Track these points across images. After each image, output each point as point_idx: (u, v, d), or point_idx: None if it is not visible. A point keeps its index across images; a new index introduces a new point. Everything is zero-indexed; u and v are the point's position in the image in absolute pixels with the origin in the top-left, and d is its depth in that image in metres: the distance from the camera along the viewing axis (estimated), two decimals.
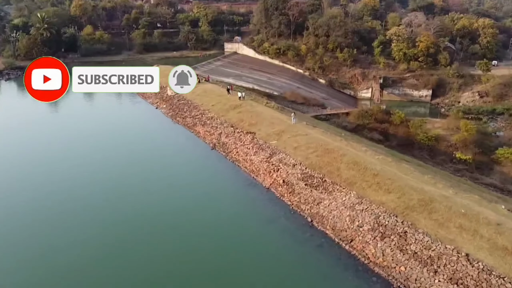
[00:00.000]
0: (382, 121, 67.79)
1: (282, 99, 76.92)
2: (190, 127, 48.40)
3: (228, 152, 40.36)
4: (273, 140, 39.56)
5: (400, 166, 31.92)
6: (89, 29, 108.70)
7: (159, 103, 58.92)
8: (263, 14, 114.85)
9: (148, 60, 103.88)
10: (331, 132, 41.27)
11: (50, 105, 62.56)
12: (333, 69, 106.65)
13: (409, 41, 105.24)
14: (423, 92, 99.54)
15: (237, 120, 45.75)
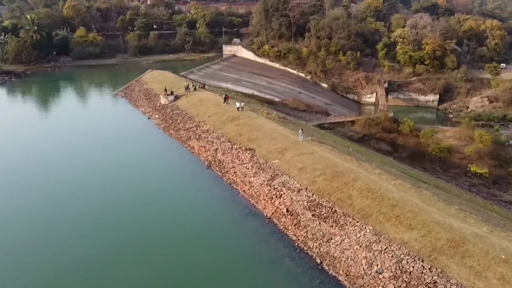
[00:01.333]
0: (390, 130, 63.79)
1: (283, 106, 72.83)
2: (183, 141, 44.31)
3: (224, 172, 36.28)
4: (275, 159, 35.49)
5: (421, 194, 27.81)
6: (82, 31, 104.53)
7: (151, 112, 54.82)
8: (263, 15, 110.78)
9: (143, 64, 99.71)
10: (340, 150, 37.12)
11: (38, 114, 58.64)
12: (335, 73, 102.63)
13: (415, 43, 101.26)
14: (430, 97, 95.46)
15: (235, 134, 41.68)
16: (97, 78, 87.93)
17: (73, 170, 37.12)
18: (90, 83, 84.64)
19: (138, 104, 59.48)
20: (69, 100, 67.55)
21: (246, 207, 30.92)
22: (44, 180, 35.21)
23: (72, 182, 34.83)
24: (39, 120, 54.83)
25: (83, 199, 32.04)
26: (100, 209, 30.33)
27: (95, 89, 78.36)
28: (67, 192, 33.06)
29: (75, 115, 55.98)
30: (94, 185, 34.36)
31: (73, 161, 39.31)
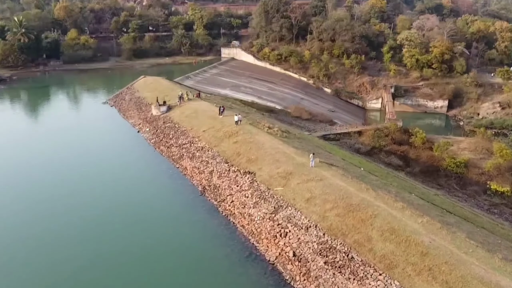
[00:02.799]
0: (400, 142, 59.17)
1: (285, 114, 68.24)
2: (175, 160, 39.68)
3: (220, 201, 31.66)
4: (278, 185, 30.89)
5: (454, 236, 23.23)
6: (73, 33, 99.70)
7: (141, 125, 50.16)
8: (263, 17, 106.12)
9: (137, 68, 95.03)
10: (351, 173, 32.49)
11: (19, 125, 53.99)
12: (339, 77, 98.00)
13: (422, 46, 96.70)
14: (439, 102, 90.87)
15: (232, 154, 37.07)
16: (88, 84, 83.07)
17: (48, 195, 32.59)
18: (79, 89, 79.80)
19: (128, 114, 54.79)
20: (54, 110, 62.59)
21: (245, 247, 26.29)
22: (16, 207, 30.73)
23: (46, 211, 30.33)
24: (19, 133, 50.10)
25: (56, 232, 27.58)
26: (71, 250, 25.75)
27: (84, 96, 73.51)
28: (37, 225, 28.56)
29: (58, 128, 50.72)
30: (64, 216, 29.74)
31: (49, 185, 34.73)
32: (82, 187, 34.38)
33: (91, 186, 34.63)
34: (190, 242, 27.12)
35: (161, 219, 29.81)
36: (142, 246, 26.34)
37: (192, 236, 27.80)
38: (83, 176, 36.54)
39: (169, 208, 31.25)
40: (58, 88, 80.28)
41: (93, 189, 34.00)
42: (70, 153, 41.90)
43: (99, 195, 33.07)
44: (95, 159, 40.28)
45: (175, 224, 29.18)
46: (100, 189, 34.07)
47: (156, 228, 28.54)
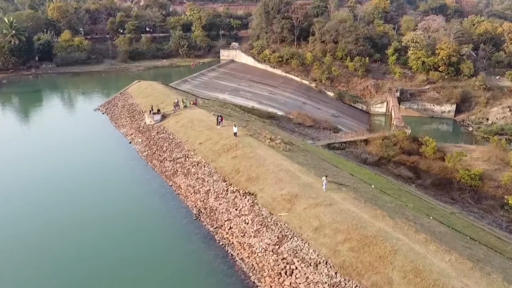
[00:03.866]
0: (409, 151, 55.84)
1: (287, 121, 64.87)
2: (168, 177, 36.26)
3: (217, 227, 28.26)
4: (282, 210, 27.53)
5: (491, 281, 19.96)
6: (67, 34, 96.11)
7: (134, 135, 46.72)
8: (264, 18, 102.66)
9: (133, 71, 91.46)
10: (363, 194, 29.09)
11: (4, 135, 50.53)
12: (342, 80, 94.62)
13: (428, 48, 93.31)
14: (446, 107, 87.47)
15: (231, 171, 33.68)
16: (80, 89, 79.43)
17: (25, 215, 29.28)
18: (71, 95, 76.13)
19: (120, 123, 51.33)
20: (42, 118, 58.72)
21: (245, 287, 22.86)
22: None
23: (24, 234, 27.09)
24: (3, 143, 46.67)
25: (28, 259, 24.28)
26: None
27: (75, 102, 69.83)
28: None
29: (43, 139, 46.84)
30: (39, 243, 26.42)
31: (29, 203, 31.41)
32: (62, 208, 31.01)
33: (71, 207, 31.28)
34: (182, 279, 23.74)
35: (150, 249, 26.42)
36: (125, 282, 22.98)
37: (184, 272, 24.43)
38: (64, 195, 33.20)
39: (160, 236, 27.84)
40: (50, 93, 76.73)
41: (73, 211, 30.63)
42: (55, 167, 38.49)
43: (79, 219, 29.70)
44: (80, 175, 36.74)
45: (165, 255, 25.77)
46: (82, 211, 30.66)
47: (143, 260, 25.18)
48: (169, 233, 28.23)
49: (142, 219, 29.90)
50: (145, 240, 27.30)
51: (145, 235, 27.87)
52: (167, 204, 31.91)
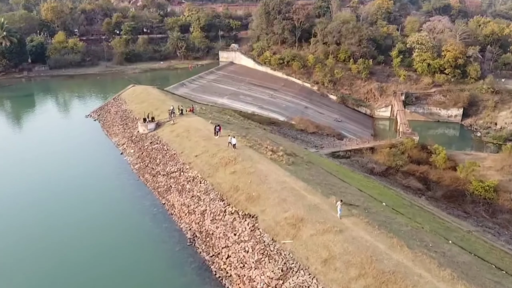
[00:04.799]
0: (418, 161, 52.97)
1: (289, 127, 61.95)
2: (161, 194, 33.31)
3: (214, 255, 25.35)
4: (287, 236, 24.66)
5: None
6: (61, 36, 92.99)
7: (126, 145, 43.75)
8: (264, 18, 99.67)
9: (129, 73, 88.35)
10: (378, 221, 26.12)
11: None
12: (345, 83, 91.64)
13: (434, 50, 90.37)
14: (453, 111, 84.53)
15: (229, 188, 30.77)
16: (73, 93, 76.26)
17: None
18: (63, 99, 73.00)
19: (112, 131, 48.34)
20: (30, 124, 55.17)
21: None
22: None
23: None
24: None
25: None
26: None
27: (67, 108, 66.74)
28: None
29: (29, 148, 43.20)
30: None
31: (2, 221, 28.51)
32: (39, 229, 28.14)
33: (50, 227, 28.46)
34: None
35: (136, 281, 23.46)
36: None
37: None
38: (44, 212, 30.37)
39: (149, 264, 24.86)
40: (41, 97, 73.63)
41: (51, 233, 27.77)
42: (33, 182, 35.44)
43: (57, 241, 26.82)
44: (63, 192, 33.73)
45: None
46: (61, 233, 27.79)
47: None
48: (160, 262, 25.25)
49: (130, 244, 26.95)
50: (132, 269, 24.40)
51: (133, 263, 24.95)
52: (159, 226, 28.94)
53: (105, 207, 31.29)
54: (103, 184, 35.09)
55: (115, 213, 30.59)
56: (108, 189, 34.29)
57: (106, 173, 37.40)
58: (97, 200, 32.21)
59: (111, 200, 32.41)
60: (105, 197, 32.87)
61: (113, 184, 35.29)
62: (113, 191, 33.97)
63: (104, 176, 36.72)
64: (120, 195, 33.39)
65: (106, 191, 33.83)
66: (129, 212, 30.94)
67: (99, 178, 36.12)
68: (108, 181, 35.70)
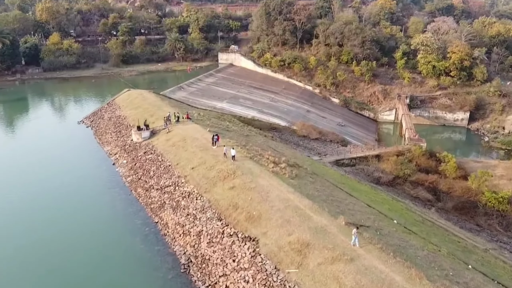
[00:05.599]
0: (427, 169, 50.50)
1: (290, 133, 59.50)
2: (154, 211, 30.80)
3: (210, 285, 22.88)
4: (291, 264, 22.25)
5: None
6: (55, 37, 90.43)
7: (118, 154, 41.24)
8: (264, 19, 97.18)
9: (125, 76, 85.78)
10: (392, 245, 23.64)
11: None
12: (348, 86, 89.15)
13: (439, 51, 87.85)
14: (459, 115, 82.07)
15: (228, 205, 28.30)
16: (66, 97, 73.64)
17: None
18: (55, 103, 70.25)
19: (105, 139, 45.81)
20: (19, 131, 51.97)
21: None
22: None
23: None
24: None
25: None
26: None
27: (59, 113, 64.04)
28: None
29: (14, 158, 41.11)
30: None
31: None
32: (18, 252, 25.67)
33: (30, 249, 25.99)
34: None
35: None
36: None
37: None
38: (24, 231, 27.92)
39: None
40: (33, 101, 70.96)
41: (32, 256, 25.28)
42: (16, 195, 32.96)
43: (38, 267, 24.32)
44: (48, 206, 31.28)
45: None
46: (43, 255, 25.34)
47: None
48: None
49: (118, 271, 24.48)
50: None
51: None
52: (151, 249, 26.41)
53: (92, 227, 28.77)
54: (92, 199, 32.55)
55: (103, 234, 28.05)
56: (97, 205, 31.76)
57: (96, 186, 34.87)
58: (84, 218, 29.69)
59: (99, 219, 29.88)
60: (93, 215, 30.34)
61: (103, 199, 32.75)
62: (103, 208, 31.43)
63: (94, 190, 34.19)
64: (110, 213, 30.84)
65: (94, 208, 31.30)
66: (119, 233, 28.42)
67: (88, 193, 33.59)
68: (98, 196, 33.17)
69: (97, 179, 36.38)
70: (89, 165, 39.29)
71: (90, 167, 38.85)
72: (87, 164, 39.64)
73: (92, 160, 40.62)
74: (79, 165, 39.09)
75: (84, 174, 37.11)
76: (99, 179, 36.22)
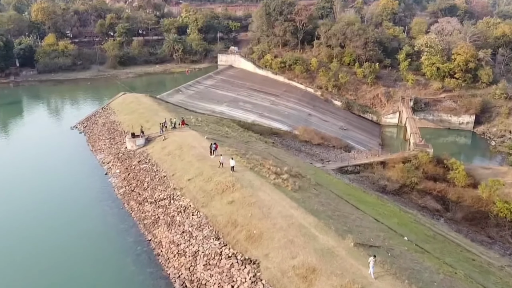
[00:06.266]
0: (434, 177, 48.43)
1: (292, 138, 57.49)
2: (147, 227, 28.75)
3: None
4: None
5: None
6: (51, 38, 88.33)
7: (112, 163, 39.18)
8: (265, 20, 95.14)
9: (122, 78, 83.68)
10: (406, 269, 21.61)
11: None
12: (350, 88, 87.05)
13: (444, 53, 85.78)
14: (464, 118, 80.00)
15: (226, 222, 26.29)
16: (61, 100, 71.35)
17: None
18: (48, 107, 68.13)
19: (98, 146, 43.75)
20: (9, 137, 49.99)
21: None
22: None
23: None
24: None
25: None
26: None
27: (52, 117, 61.75)
28: None
29: (1, 166, 39.74)
30: None
31: None
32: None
33: (13, 271, 23.89)
34: None
35: None
36: None
37: None
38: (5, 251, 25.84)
39: None
40: (26, 105, 68.67)
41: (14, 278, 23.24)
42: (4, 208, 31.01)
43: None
44: (33, 220, 29.32)
45: None
46: (25, 278, 23.28)
47: None
48: None
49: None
50: None
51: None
52: (143, 271, 24.37)
53: (81, 245, 26.72)
54: (81, 214, 30.48)
55: (92, 253, 26.00)
56: (87, 220, 29.68)
57: (87, 199, 32.79)
58: (72, 235, 27.67)
59: (89, 235, 27.80)
60: (82, 231, 28.27)
61: (93, 213, 30.68)
62: (93, 223, 29.37)
63: (84, 203, 32.11)
64: (100, 229, 28.77)
65: (84, 223, 29.23)
66: (109, 252, 26.37)
67: (78, 206, 31.51)
68: (88, 210, 31.09)
69: (88, 190, 34.30)
70: (80, 175, 37.19)
71: (81, 177, 36.76)
72: (78, 174, 37.54)
73: (84, 170, 38.52)
74: (69, 175, 37.02)
75: (74, 185, 35.05)
76: (90, 191, 34.14)
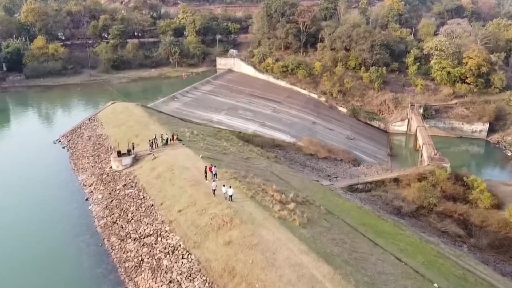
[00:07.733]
0: (453, 196, 43.91)
1: (296, 150, 52.95)
2: (128, 272, 24.26)
3: None
4: None
5: None
6: (40, 41, 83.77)
7: (94, 186, 34.66)
8: (266, 22, 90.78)
9: (115, 83, 79.13)
10: None
11: None
12: (356, 94, 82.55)
13: (454, 57, 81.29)
14: (477, 126, 75.52)
15: (223, 270, 21.92)
16: (47, 108, 66.69)
17: None
18: (33, 117, 63.72)
19: (80, 164, 39.19)
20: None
21: None
22: None
23: None
24: None
25: None
26: None
27: (35, 128, 56.58)
28: None
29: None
30: None
31: None
32: None
33: None
34: None
35: None
36: None
37: None
38: None
39: None
40: (9, 114, 63.65)
41: None
42: None
43: None
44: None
45: None
46: None
47: None
48: None
49: None
50: None
51: None
52: None
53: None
54: (51, 253, 25.99)
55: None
56: (58, 262, 25.18)
57: (60, 233, 28.24)
58: (38, 283, 23.05)
59: (58, 284, 23.21)
60: (50, 277, 23.69)
61: (66, 253, 26.17)
62: (65, 266, 24.87)
63: (56, 238, 27.59)
64: (73, 274, 24.25)
65: (54, 266, 24.76)
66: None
67: (48, 242, 27.00)
68: (60, 248, 26.58)
69: (63, 221, 29.74)
70: (56, 202, 32.59)
71: (56, 204, 32.17)
72: (54, 200, 32.91)
73: (61, 195, 33.88)
74: (43, 201, 32.43)
75: (47, 215, 30.48)
76: (66, 222, 29.58)
